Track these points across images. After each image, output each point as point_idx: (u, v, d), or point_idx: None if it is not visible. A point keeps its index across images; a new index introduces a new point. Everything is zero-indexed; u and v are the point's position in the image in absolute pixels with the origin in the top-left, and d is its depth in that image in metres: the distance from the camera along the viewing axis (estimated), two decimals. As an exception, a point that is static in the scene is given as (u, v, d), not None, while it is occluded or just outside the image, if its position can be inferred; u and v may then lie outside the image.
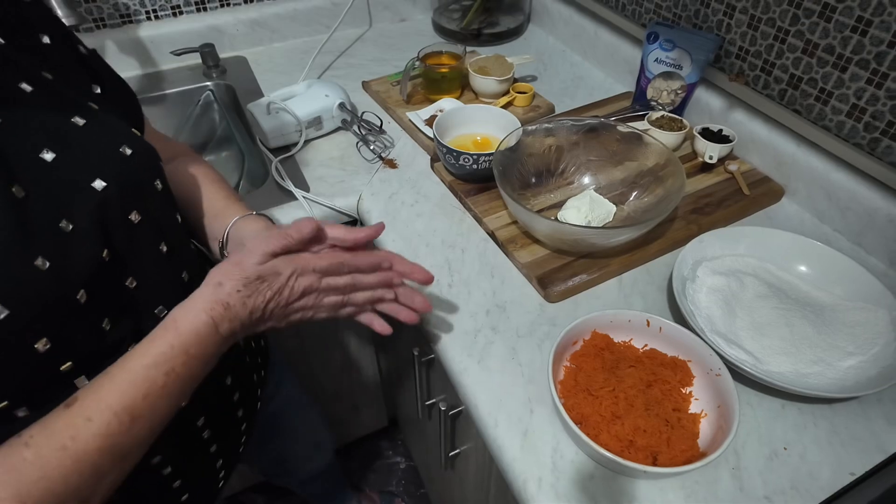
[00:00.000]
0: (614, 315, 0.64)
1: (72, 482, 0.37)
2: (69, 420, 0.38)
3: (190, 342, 0.44)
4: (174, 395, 0.44)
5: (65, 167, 0.41)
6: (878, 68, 0.72)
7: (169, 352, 0.43)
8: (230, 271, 0.48)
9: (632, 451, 0.54)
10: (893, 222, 0.74)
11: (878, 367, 0.61)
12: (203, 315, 0.45)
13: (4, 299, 0.35)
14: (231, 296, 0.47)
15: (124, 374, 0.41)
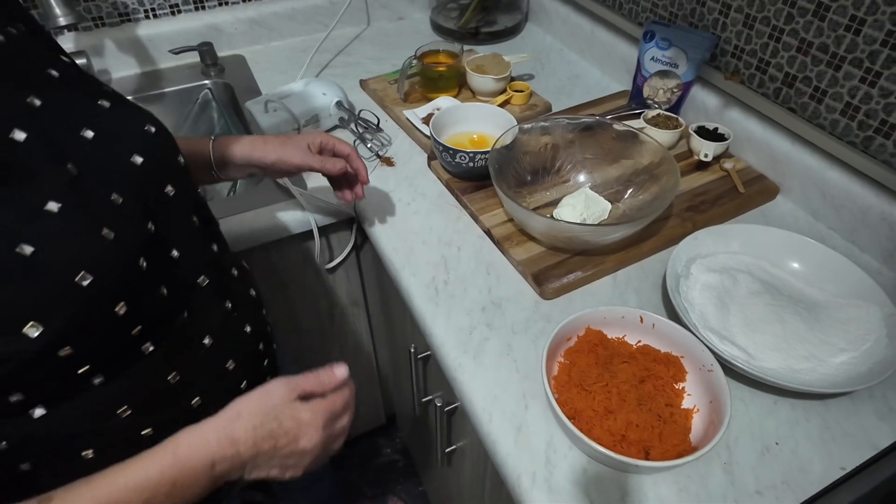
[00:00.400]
0: (608, 311, 0.64)
1: None
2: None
3: (181, 475, 0.42)
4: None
5: (104, 145, 0.43)
6: (872, 67, 0.73)
7: (157, 479, 0.41)
8: (254, 401, 0.47)
9: (624, 446, 0.54)
10: (886, 220, 0.75)
11: (869, 363, 0.61)
12: (208, 447, 0.44)
13: (88, 266, 0.38)
14: (246, 431, 0.46)
15: (104, 487, 0.40)
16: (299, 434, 0.48)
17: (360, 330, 1.20)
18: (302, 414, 0.48)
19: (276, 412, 0.47)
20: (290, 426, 0.47)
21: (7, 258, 0.35)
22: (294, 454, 0.49)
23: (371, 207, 0.89)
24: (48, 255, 0.36)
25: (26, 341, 0.36)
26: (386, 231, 0.85)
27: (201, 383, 0.52)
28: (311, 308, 1.08)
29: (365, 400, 1.40)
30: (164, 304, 0.46)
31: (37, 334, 0.36)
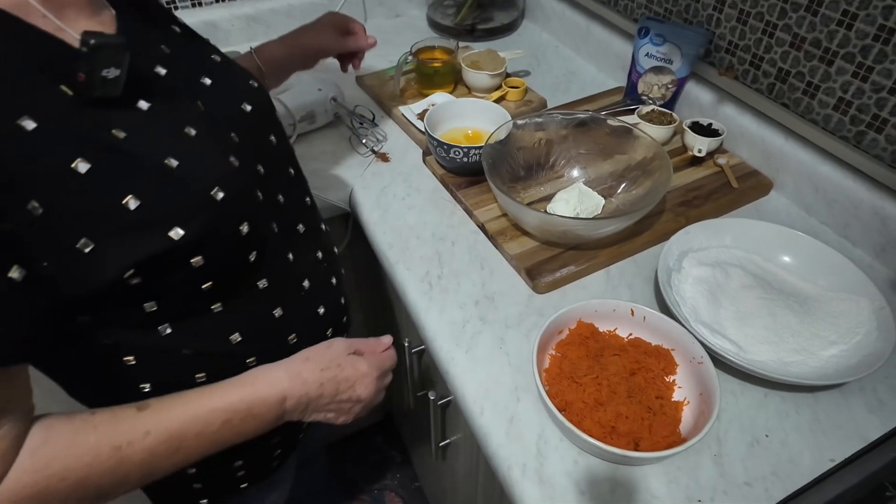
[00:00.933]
0: (599, 304, 0.65)
1: (105, 481, 0.41)
2: (133, 425, 0.42)
3: (257, 402, 0.48)
4: (219, 442, 0.47)
5: (219, 92, 0.50)
6: (864, 62, 0.73)
7: (237, 404, 0.47)
8: (320, 350, 0.55)
9: (614, 437, 0.55)
10: (878, 214, 0.75)
11: (859, 355, 0.61)
12: (282, 382, 0.50)
13: (221, 184, 0.43)
14: (313, 372, 0.52)
15: (194, 407, 0.45)
16: (357, 382, 0.55)
17: (356, 326, 1.20)
18: (360, 365, 0.55)
19: (338, 360, 0.54)
20: (350, 374, 0.54)
21: (159, 168, 0.40)
22: (350, 400, 0.56)
23: (366, 203, 0.89)
24: (189, 169, 0.42)
25: (170, 242, 0.41)
26: (380, 226, 0.85)
27: (298, 323, 0.58)
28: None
29: (362, 396, 1.41)
30: (276, 241, 0.53)
31: (179, 236, 0.41)
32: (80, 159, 0.37)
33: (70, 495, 0.39)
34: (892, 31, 0.69)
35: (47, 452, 0.38)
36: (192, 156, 0.43)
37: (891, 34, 0.69)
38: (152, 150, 0.41)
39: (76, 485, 0.39)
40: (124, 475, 0.42)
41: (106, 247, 0.38)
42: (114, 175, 0.38)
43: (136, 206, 0.39)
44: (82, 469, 0.39)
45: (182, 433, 0.44)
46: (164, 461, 0.44)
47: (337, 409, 0.56)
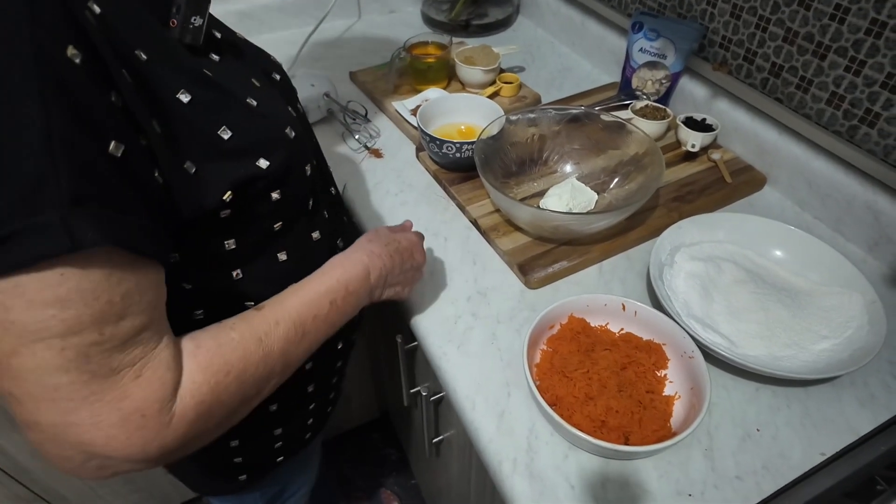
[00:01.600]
0: (591, 299, 0.65)
1: (260, 371, 0.44)
2: (263, 319, 0.46)
3: (350, 279, 0.53)
4: (332, 323, 0.52)
5: (256, 57, 0.56)
6: (856, 56, 0.73)
7: (336, 285, 0.52)
8: (372, 235, 0.60)
9: (604, 431, 0.55)
10: (871, 209, 0.75)
11: (850, 349, 0.61)
12: (363, 259, 0.56)
13: (292, 124, 0.49)
14: (383, 248, 0.59)
15: (303, 294, 0.50)
16: (413, 250, 0.63)
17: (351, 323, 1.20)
18: (410, 235, 0.64)
19: (389, 237, 0.61)
20: (405, 245, 0.62)
21: (244, 106, 0.45)
22: (412, 268, 0.64)
23: (359, 199, 0.89)
24: (267, 109, 0.47)
25: (259, 170, 0.45)
26: (374, 222, 0.85)
27: None
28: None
29: (358, 394, 1.41)
30: (322, 194, 0.59)
31: (266, 166, 0.45)
32: (182, 90, 0.40)
33: (237, 390, 0.42)
34: (885, 24, 0.69)
35: (204, 354, 0.41)
36: (266, 99, 0.48)
37: (883, 28, 0.69)
38: (234, 90, 0.45)
39: (238, 378, 0.42)
40: (271, 366, 0.45)
41: (206, 171, 0.42)
42: (210, 108, 0.42)
43: (228, 137, 0.43)
44: (239, 362, 0.42)
45: (303, 318, 0.48)
46: (296, 347, 0.48)
47: (402, 280, 0.62)
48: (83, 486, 1.18)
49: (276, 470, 0.70)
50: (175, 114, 0.40)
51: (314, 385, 0.66)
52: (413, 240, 0.64)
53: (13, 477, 1.07)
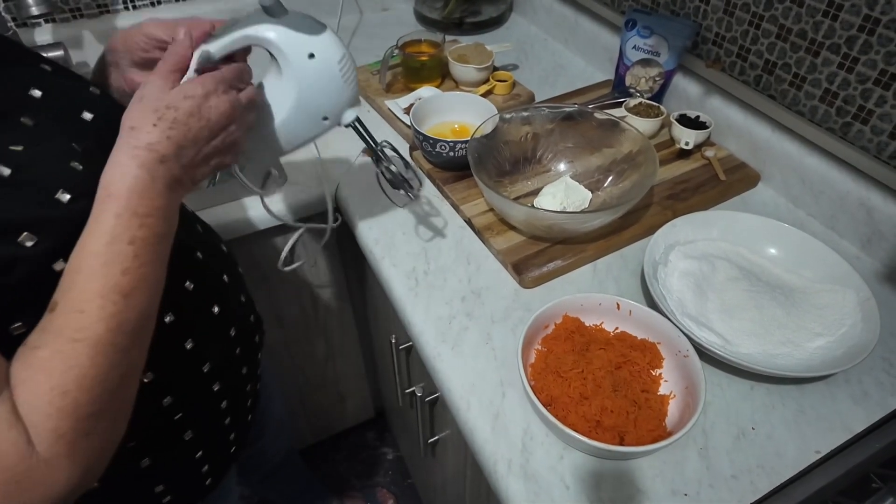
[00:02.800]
0: (585, 298, 0.64)
1: (101, 364, 0.38)
2: (63, 320, 0.38)
3: (133, 203, 0.41)
4: (152, 260, 0.42)
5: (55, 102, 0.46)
6: (849, 52, 0.73)
7: (116, 222, 0.40)
8: (137, 108, 0.44)
9: (599, 432, 0.54)
10: (864, 205, 0.75)
11: (844, 347, 0.61)
12: (130, 169, 0.41)
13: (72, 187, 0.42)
14: (150, 134, 0.42)
15: (92, 259, 0.40)
16: (200, 107, 0.44)
17: (345, 323, 1.19)
18: (189, 90, 0.45)
19: (164, 101, 0.44)
20: (188, 105, 0.44)
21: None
22: (214, 129, 0.46)
23: (352, 198, 0.88)
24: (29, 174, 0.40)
25: (21, 249, 0.39)
26: (367, 222, 0.84)
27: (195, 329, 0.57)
28: (295, 301, 1.07)
29: (353, 393, 1.40)
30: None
31: (32, 243, 0.39)
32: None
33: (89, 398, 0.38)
34: (877, 21, 0.69)
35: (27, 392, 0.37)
36: (32, 160, 0.40)
37: (875, 24, 0.69)
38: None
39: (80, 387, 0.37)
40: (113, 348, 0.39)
41: None
42: None
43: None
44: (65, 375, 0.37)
45: (110, 283, 0.39)
46: (129, 313, 0.40)
47: (213, 152, 0.47)
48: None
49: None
50: None
51: (193, 433, 0.59)
52: (195, 93, 0.45)
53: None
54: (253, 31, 0.49)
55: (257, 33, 0.49)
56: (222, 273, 0.63)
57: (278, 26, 0.50)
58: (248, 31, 0.49)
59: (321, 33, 0.51)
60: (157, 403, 0.54)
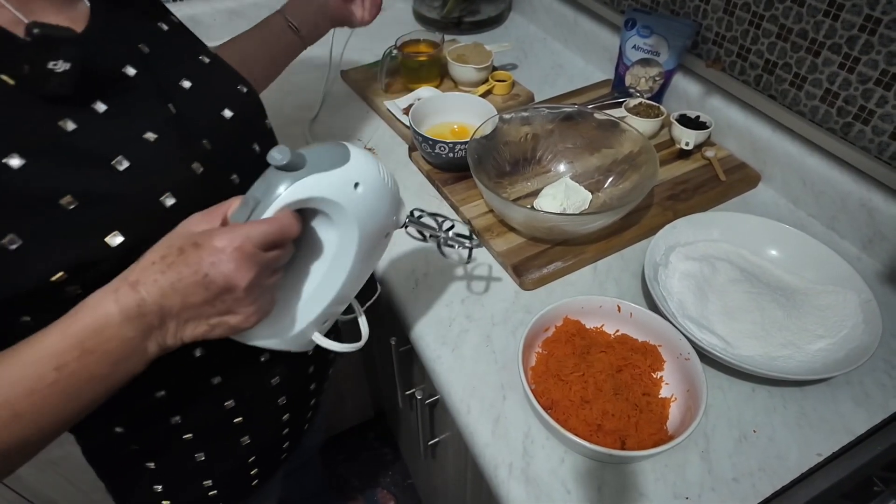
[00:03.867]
0: (586, 301, 0.64)
1: None
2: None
3: (85, 334, 0.37)
4: (70, 396, 0.37)
5: (198, 95, 0.48)
6: (850, 52, 0.73)
7: (60, 343, 0.36)
8: (161, 241, 0.40)
9: (600, 436, 0.54)
10: (865, 206, 0.75)
11: (846, 349, 0.61)
12: (107, 300, 0.37)
13: (174, 190, 0.42)
14: (145, 271, 0.38)
15: (11, 364, 0.36)
16: (202, 261, 0.37)
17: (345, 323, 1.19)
18: (209, 240, 0.38)
19: (179, 242, 0.38)
20: (193, 256, 0.38)
21: (107, 168, 0.39)
22: (211, 289, 0.38)
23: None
24: (140, 170, 0.40)
25: (106, 249, 0.39)
26: (366, 223, 0.84)
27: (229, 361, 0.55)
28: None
29: (354, 394, 1.40)
30: None
31: (117, 243, 0.39)
32: (14, 154, 0.36)
33: None
34: (879, 21, 0.68)
35: None
36: (146, 158, 0.41)
37: (877, 24, 0.69)
38: (101, 148, 0.39)
39: None
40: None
41: (34, 246, 0.37)
42: (52, 172, 0.37)
43: (73, 207, 0.37)
44: None
45: (9, 397, 0.35)
46: (4, 434, 0.36)
47: (210, 307, 0.39)
48: (75, 492, 1.16)
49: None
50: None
51: (250, 438, 0.60)
52: (210, 245, 0.38)
53: (5, 483, 1.06)
54: (291, 197, 0.41)
55: (295, 197, 0.41)
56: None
57: (312, 176, 0.42)
58: (285, 200, 0.41)
59: (350, 158, 0.44)
60: (221, 405, 0.55)
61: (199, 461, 0.57)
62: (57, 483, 1.12)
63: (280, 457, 0.67)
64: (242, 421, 0.57)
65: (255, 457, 0.62)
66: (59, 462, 1.09)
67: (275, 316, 0.45)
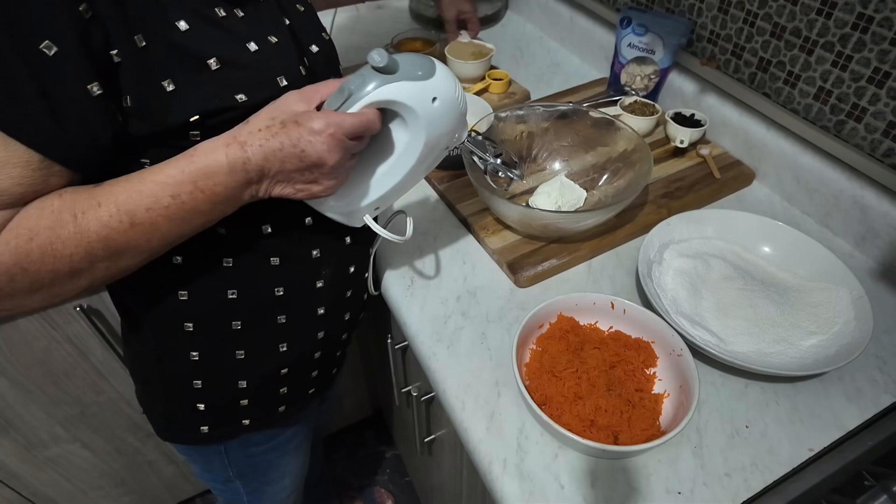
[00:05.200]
0: (580, 298, 0.64)
1: (70, 249, 0.43)
2: (89, 196, 0.44)
3: (198, 174, 0.45)
4: (176, 221, 0.46)
5: (307, 20, 0.57)
6: (843, 50, 0.73)
7: (178, 177, 0.45)
8: (265, 108, 0.48)
9: (593, 431, 0.55)
10: (858, 203, 0.75)
11: (837, 345, 0.61)
12: (219, 151, 0.46)
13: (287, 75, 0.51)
14: (252, 134, 0.46)
15: (138, 182, 0.45)
16: (301, 139, 0.46)
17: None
18: (308, 121, 0.46)
19: (282, 116, 0.47)
20: (294, 132, 0.46)
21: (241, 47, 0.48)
22: (304, 162, 0.47)
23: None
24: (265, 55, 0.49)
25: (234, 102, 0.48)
26: (362, 221, 0.84)
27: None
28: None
29: (351, 393, 1.40)
30: None
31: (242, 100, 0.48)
32: (182, 20, 0.45)
33: (40, 259, 0.42)
34: (871, 19, 0.69)
35: (19, 217, 0.42)
36: (270, 49, 0.50)
37: (869, 23, 0.69)
38: (240, 33, 0.48)
39: (42, 248, 0.41)
40: (88, 248, 0.43)
41: (185, 91, 0.45)
42: (205, 40, 0.46)
43: (216, 67, 0.46)
44: (46, 230, 0.41)
45: (131, 208, 0.44)
46: (122, 237, 0.44)
47: (299, 174, 0.49)
48: (74, 490, 1.17)
49: (244, 436, 0.69)
50: (168, 35, 0.44)
51: (287, 345, 0.63)
52: (308, 126, 0.46)
53: (4, 482, 1.06)
54: (379, 96, 0.48)
55: (382, 97, 0.49)
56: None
57: (400, 83, 0.49)
58: (373, 98, 0.48)
59: (435, 73, 0.50)
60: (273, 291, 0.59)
61: (238, 358, 0.61)
62: (55, 482, 1.13)
63: (308, 390, 0.71)
64: (285, 322, 0.61)
65: (287, 369, 0.65)
66: (57, 460, 1.09)
67: (342, 192, 0.55)
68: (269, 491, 0.82)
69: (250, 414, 0.66)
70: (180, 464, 1.28)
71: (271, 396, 0.67)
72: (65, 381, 0.99)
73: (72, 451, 1.10)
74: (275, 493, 0.83)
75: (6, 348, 0.89)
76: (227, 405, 0.64)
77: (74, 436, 1.07)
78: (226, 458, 0.72)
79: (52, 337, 0.92)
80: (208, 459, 0.72)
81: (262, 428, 0.70)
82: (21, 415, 0.98)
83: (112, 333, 0.97)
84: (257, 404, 0.66)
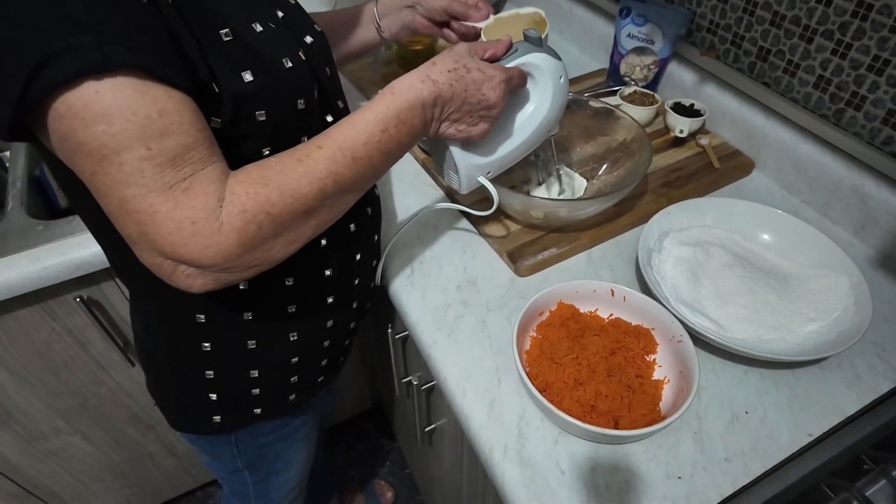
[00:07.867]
0: (580, 285, 0.65)
1: (303, 186, 0.46)
2: (305, 146, 0.48)
3: (401, 108, 0.51)
4: (385, 153, 0.51)
5: (297, 14, 0.57)
6: (843, 38, 0.73)
7: (385, 112, 0.50)
8: (445, 55, 0.55)
9: (593, 416, 0.55)
10: (857, 192, 0.75)
11: (836, 331, 0.62)
12: (415, 86, 0.51)
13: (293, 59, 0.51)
14: (442, 74, 0.53)
15: (351, 123, 0.49)
16: (484, 83, 0.55)
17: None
18: (487, 68, 0.55)
19: (464, 61, 0.54)
20: (477, 75, 0.54)
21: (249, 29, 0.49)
22: (480, 104, 0.55)
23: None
24: (269, 36, 0.50)
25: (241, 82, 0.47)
26: (361, 211, 0.84)
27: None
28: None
29: (351, 385, 1.40)
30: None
31: (248, 80, 0.47)
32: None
33: (280, 201, 0.44)
34: (871, 6, 0.69)
35: (244, 171, 0.45)
36: (272, 32, 0.51)
37: (869, 10, 0.69)
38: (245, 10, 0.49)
39: (279, 189, 0.44)
40: (318, 183, 0.46)
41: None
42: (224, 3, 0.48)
43: (228, 41, 0.47)
44: (277, 175, 0.45)
45: (350, 144, 0.48)
46: (347, 172, 0.48)
47: (464, 118, 0.56)
48: (75, 482, 1.17)
49: (254, 426, 0.69)
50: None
51: (298, 334, 0.64)
52: (489, 73, 0.55)
53: (4, 474, 1.06)
54: (531, 59, 0.60)
55: (533, 60, 0.60)
56: (366, 206, 0.68)
57: (544, 54, 0.61)
58: (527, 59, 0.60)
59: (560, 59, 0.63)
60: (283, 282, 0.60)
61: (250, 348, 0.61)
62: (56, 474, 1.13)
63: (317, 378, 0.72)
64: (295, 311, 0.62)
65: (298, 358, 0.66)
66: (58, 452, 1.09)
67: (479, 143, 0.61)
68: (275, 482, 0.82)
69: (262, 403, 0.67)
70: (181, 456, 1.28)
71: (282, 385, 0.67)
72: (65, 373, 0.99)
73: (72, 444, 1.10)
74: (281, 484, 0.84)
75: (6, 340, 0.89)
76: (240, 394, 0.65)
77: (75, 428, 1.07)
78: (235, 448, 0.72)
79: (52, 328, 0.92)
80: (218, 449, 0.73)
81: (273, 417, 0.70)
82: (21, 407, 0.98)
83: (112, 325, 0.97)
84: (268, 393, 0.67)
